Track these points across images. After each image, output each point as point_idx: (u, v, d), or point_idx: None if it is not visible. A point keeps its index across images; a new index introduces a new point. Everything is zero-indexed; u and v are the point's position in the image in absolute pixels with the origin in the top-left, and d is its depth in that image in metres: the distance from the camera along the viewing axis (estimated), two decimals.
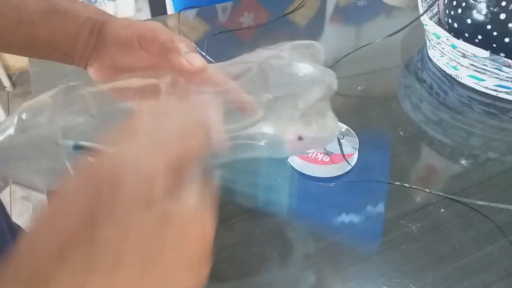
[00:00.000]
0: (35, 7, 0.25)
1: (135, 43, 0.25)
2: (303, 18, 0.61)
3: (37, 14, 0.25)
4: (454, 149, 0.41)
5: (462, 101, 0.46)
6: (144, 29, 0.25)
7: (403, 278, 0.29)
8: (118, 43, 0.25)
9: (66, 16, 0.25)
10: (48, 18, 0.25)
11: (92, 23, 0.26)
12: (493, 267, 0.30)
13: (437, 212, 0.34)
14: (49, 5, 0.25)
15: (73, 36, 0.26)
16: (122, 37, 0.25)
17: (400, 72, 0.51)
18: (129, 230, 0.13)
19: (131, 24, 0.25)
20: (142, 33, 0.25)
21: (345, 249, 0.31)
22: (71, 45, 0.26)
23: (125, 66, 0.26)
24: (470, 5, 0.45)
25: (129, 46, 0.25)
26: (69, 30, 0.25)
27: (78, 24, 0.26)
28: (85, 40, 0.26)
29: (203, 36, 0.56)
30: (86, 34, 0.26)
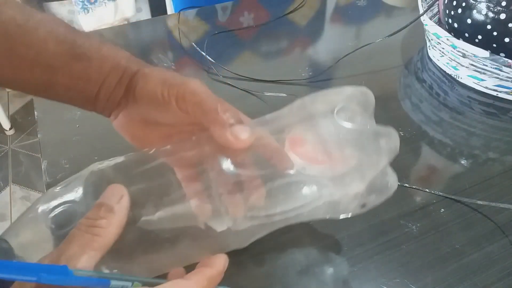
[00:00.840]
0: (56, 50, 0.22)
1: (172, 103, 0.22)
2: (303, 18, 0.61)
3: (57, 57, 0.22)
4: (454, 149, 0.41)
5: (462, 101, 0.46)
6: (185, 90, 0.22)
7: (403, 278, 0.29)
8: (151, 100, 0.23)
9: (89, 62, 0.23)
10: (69, 62, 0.23)
11: (121, 73, 0.24)
12: (493, 267, 0.30)
13: (437, 212, 0.34)
14: (72, 48, 0.23)
15: (96, 85, 0.24)
16: (158, 95, 0.22)
17: (400, 72, 0.51)
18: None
19: (167, 79, 0.23)
20: (182, 94, 0.22)
21: (345, 249, 0.31)
22: (94, 94, 0.24)
23: (156, 121, 0.24)
24: (470, 5, 0.45)
25: (164, 105, 0.23)
26: (92, 78, 0.23)
27: (103, 72, 0.23)
28: (111, 91, 0.24)
29: (203, 36, 0.56)
30: (113, 84, 0.24)
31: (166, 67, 0.50)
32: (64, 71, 0.23)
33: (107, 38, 0.57)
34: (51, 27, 0.23)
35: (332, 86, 0.48)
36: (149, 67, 0.25)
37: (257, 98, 0.45)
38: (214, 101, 0.22)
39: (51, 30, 0.23)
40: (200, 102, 0.22)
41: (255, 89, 0.46)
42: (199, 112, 0.22)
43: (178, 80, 0.23)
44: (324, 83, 0.48)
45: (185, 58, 0.52)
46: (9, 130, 1.32)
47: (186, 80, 0.23)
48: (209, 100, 0.22)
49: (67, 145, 0.38)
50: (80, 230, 0.18)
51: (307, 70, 0.50)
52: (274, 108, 0.27)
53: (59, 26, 0.23)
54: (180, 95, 0.22)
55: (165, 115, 0.23)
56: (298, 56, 0.54)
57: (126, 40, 0.57)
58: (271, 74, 0.48)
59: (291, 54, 0.55)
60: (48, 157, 0.38)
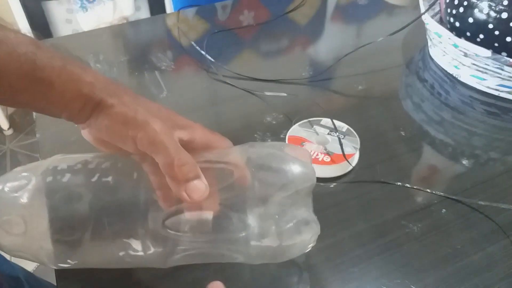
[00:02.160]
0: (16, 71, 0.22)
1: (130, 143, 0.23)
2: (304, 17, 0.61)
3: (18, 79, 0.22)
4: (455, 149, 0.40)
5: (464, 100, 0.46)
6: (143, 137, 0.22)
7: (404, 278, 0.29)
8: (111, 136, 0.23)
9: (51, 87, 0.23)
10: (30, 85, 0.22)
11: (83, 101, 0.23)
12: (494, 267, 0.30)
13: (438, 212, 0.34)
14: (33, 72, 0.22)
15: (58, 108, 0.24)
16: (116, 133, 0.23)
17: (401, 71, 0.51)
18: None
19: (128, 121, 0.23)
20: (140, 140, 0.22)
21: (346, 249, 0.31)
22: (57, 114, 0.24)
23: (118, 148, 0.24)
24: (472, 4, 0.45)
25: (123, 142, 0.23)
26: (54, 102, 0.23)
27: (65, 98, 0.23)
28: (75, 115, 0.24)
29: (203, 35, 0.55)
30: (75, 110, 0.24)
31: (166, 66, 0.50)
32: (26, 93, 0.23)
33: (106, 37, 0.56)
34: (12, 48, 0.22)
35: (333, 86, 0.48)
36: (114, 95, 0.24)
37: (257, 97, 0.45)
38: (172, 152, 0.22)
39: (12, 51, 0.22)
40: (157, 152, 0.22)
41: (255, 88, 0.46)
42: (157, 161, 0.22)
43: (139, 121, 0.23)
44: (324, 82, 0.48)
45: (185, 57, 0.52)
46: (8, 130, 1.32)
47: (146, 123, 0.23)
48: (166, 151, 0.22)
49: (65, 145, 0.38)
50: None
51: (308, 69, 0.50)
52: (274, 108, 0.27)
53: (20, 45, 0.22)
54: (138, 139, 0.23)
55: (124, 146, 0.24)
56: (299, 55, 0.54)
57: (125, 39, 0.57)
58: (271, 73, 0.48)
59: (291, 53, 0.54)
60: (46, 157, 0.37)
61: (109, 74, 0.49)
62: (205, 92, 0.47)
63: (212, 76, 0.48)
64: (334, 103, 0.46)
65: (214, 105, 0.46)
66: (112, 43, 0.55)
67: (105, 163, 0.25)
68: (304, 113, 0.42)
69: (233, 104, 0.45)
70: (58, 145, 0.38)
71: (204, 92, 0.46)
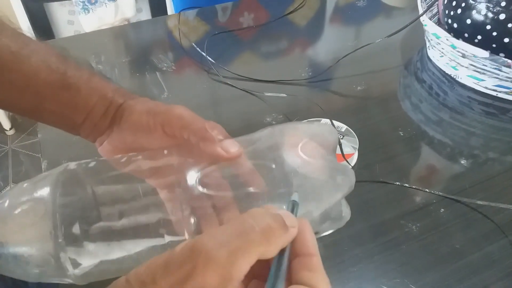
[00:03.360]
0: (46, 78, 0.24)
1: (158, 129, 0.23)
2: (303, 18, 0.61)
3: (47, 86, 0.24)
4: (454, 149, 0.41)
5: (462, 101, 0.46)
6: (171, 116, 0.23)
7: (403, 278, 0.29)
8: (137, 129, 0.24)
9: (78, 92, 0.24)
10: (57, 91, 0.24)
11: (107, 104, 0.25)
12: (493, 267, 0.30)
13: (437, 212, 0.34)
14: (63, 78, 0.24)
15: (82, 114, 0.25)
16: (144, 124, 0.24)
17: (400, 72, 0.51)
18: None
19: (153, 109, 0.24)
20: (168, 120, 0.23)
21: (345, 249, 0.31)
22: (80, 122, 0.25)
23: (142, 147, 0.24)
24: (470, 5, 0.45)
25: (150, 132, 0.24)
26: (79, 107, 0.24)
27: (90, 103, 0.24)
28: (97, 120, 0.25)
29: (203, 36, 0.56)
30: (99, 115, 0.25)
31: (167, 67, 0.50)
32: (52, 99, 0.24)
33: (108, 39, 0.57)
34: (44, 57, 0.24)
35: (332, 87, 0.49)
36: (134, 98, 0.26)
37: (257, 98, 0.45)
38: (201, 121, 0.24)
39: (44, 60, 0.24)
40: (187, 124, 0.23)
41: (255, 89, 0.46)
42: (187, 133, 0.23)
43: (162, 108, 0.24)
44: (324, 83, 0.48)
45: (185, 58, 0.52)
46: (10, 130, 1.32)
47: (170, 107, 0.24)
48: (196, 120, 0.23)
49: (67, 145, 0.38)
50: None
51: (307, 70, 0.50)
52: (274, 108, 0.27)
53: (52, 56, 0.24)
54: (166, 121, 0.23)
55: (150, 141, 0.24)
56: (298, 56, 0.54)
57: (126, 41, 0.57)
58: (271, 74, 0.48)
59: (291, 54, 0.55)
60: (48, 157, 0.38)
61: (110, 75, 0.49)
62: (206, 92, 0.47)
63: (213, 77, 0.48)
64: (333, 103, 0.46)
65: (215, 105, 0.46)
66: (113, 45, 0.56)
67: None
68: (304, 114, 0.42)
69: (233, 105, 0.45)
70: (59, 146, 0.39)
71: (204, 92, 0.47)
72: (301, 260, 0.17)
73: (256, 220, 0.16)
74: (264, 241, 0.16)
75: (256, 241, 0.15)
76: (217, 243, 0.15)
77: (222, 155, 0.22)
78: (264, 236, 0.16)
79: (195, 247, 0.15)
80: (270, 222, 0.16)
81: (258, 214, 0.16)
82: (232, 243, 0.15)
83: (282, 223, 0.17)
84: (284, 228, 0.17)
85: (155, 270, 0.15)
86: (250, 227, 0.16)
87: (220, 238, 0.15)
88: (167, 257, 0.15)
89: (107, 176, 0.24)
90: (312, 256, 0.17)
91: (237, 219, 0.16)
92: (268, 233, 0.16)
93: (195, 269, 0.14)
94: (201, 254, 0.14)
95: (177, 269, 0.14)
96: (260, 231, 0.16)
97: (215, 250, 0.15)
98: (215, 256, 0.14)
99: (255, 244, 0.15)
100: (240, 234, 0.15)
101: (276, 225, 0.16)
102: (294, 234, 0.17)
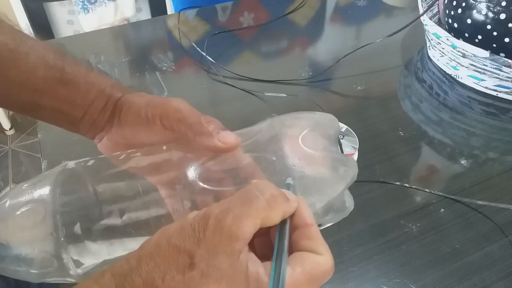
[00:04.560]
0: (45, 74, 0.23)
1: (157, 122, 0.23)
2: (303, 18, 0.61)
3: (45, 82, 0.23)
4: (454, 149, 0.41)
5: (462, 101, 0.46)
6: (168, 108, 0.23)
7: (403, 278, 0.29)
8: (136, 122, 0.24)
9: (76, 88, 0.24)
10: (56, 87, 0.24)
11: (105, 99, 0.24)
12: (493, 267, 0.30)
13: (437, 212, 0.34)
14: (61, 74, 0.24)
15: (81, 110, 0.24)
16: (142, 116, 0.24)
17: (400, 72, 0.51)
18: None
19: (151, 101, 0.24)
20: (166, 112, 0.23)
21: (345, 249, 0.31)
22: (79, 118, 0.25)
23: (141, 142, 0.24)
24: (470, 5, 0.45)
25: (149, 125, 0.24)
26: (77, 103, 0.24)
27: (88, 98, 0.24)
28: (96, 116, 0.25)
29: (203, 36, 0.56)
30: (98, 110, 0.25)
31: (166, 67, 0.50)
32: (51, 95, 0.24)
33: (107, 39, 0.57)
34: (42, 53, 0.24)
35: (332, 86, 0.49)
36: (132, 93, 0.26)
37: (257, 98, 0.45)
38: (197, 115, 0.23)
39: (42, 56, 0.24)
40: (183, 117, 0.23)
41: (255, 89, 0.46)
42: (183, 127, 0.23)
43: (160, 100, 0.24)
44: (324, 83, 0.48)
45: (185, 58, 0.52)
46: (9, 130, 1.32)
47: (168, 100, 0.24)
48: (192, 114, 0.23)
49: (67, 145, 0.38)
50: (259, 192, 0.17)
51: (307, 70, 0.50)
52: (274, 108, 0.27)
53: (49, 52, 0.24)
54: (164, 113, 0.23)
55: (149, 135, 0.24)
56: (298, 56, 0.54)
57: (126, 40, 0.57)
58: (271, 74, 0.48)
59: (291, 54, 0.55)
60: (48, 157, 0.38)
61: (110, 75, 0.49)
62: (206, 92, 0.47)
63: (213, 77, 0.48)
64: (333, 103, 0.46)
65: (215, 105, 0.46)
66: (113, 44, 0.56)
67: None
68: None
69: (233, 105, 0.45)
70: (59, 145, 0.39)
71: (204, 92, 0.47)
72: (300, 231, 0.18)
73: (260, 190, 0.17)
74: (267, 207, 0.17)
75: (259, 206, 0.17)
76: (224, 209, 0.16)
77: (219, 147, 0.22)
78: (267, 202, 0.17)
79: (205, 213, 0.17)
80: (273, 191, 0.18)
81: (261, 184, 0.18)
82: (237, 209, 0.16)
83: (283, 193, 0.18)
84: (285, 197, 0.18)
85: (172, 234, 0.16)
86: (255, 196, 0.17)
87: (227, 205, 0.17)
88: (181, 223, 0.17)
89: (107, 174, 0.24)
90: (310, 226, 0.18)
91: (243, 190, 0.18)
92: (271, 200, 0.17)
93: (205, 232, 0.16)
94: (210, 219, 0.16)
95: (191, 232, 0.16)
96: (263, 198, 0.17)
97: (222, 215, 0.16)
98: (222, 220, 0.16)
99: (259, 209, 0.17)
100: (245, 201, 0.17)
101: (278, 193, 0.18)
102: (294, 206, 0.18)
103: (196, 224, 0.16)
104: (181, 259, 0.15)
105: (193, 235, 0.16)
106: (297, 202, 0.19)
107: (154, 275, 0.15)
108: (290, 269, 0.16)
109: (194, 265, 0.15)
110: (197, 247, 0.15)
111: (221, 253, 0.15)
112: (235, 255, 0.16)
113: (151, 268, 0.15)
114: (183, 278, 0.15)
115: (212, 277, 0.15)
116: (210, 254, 0.15)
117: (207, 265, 0.15)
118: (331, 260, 0.17)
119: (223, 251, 0.15)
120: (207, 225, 0.16)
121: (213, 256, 0.15)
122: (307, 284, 0.16)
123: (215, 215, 0.16)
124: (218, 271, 0.15)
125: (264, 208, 0.17)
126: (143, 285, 0.15)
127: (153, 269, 0.15)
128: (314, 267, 0.17)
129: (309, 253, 0.17)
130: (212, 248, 0.15)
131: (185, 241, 0.16)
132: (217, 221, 0.16)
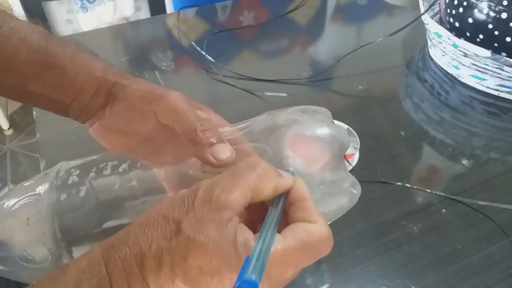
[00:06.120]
0: (28, 58, 0.22)
1: (152, 117, 0.22)
2: (304, 17, 0.61)
3: (28, 66, 0.22)
4: (455, 149, 0.40)
5: (464, 100, 0.46)
6: (163, 106, 0.22)
7: (404, 279, 0.29)
8: (130, 114, 0.23)
9: (62, 72, 0.23)
10: (41, 72, 0.22)
11: (96, 85, 0.23)
12: (495, 267, 0.30)
13: (438, 212, 0.34)
14: (44, 57, 0.22)
15: (70, 96, 0.23)
16: (137, 110, 0.23)
17: (401, 71, 0.51)
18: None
19: (146, 94, 0.23)
20: (161, 111, 0.22)
21: (346, 250, 0.31)
22: (67, 103, 0.24)
23: (135, 132, 0.24)
24: (472, 4, 0.45)
25: (144, 118, 0.23)
26: (65, 89, 0.23)
27: (77, 83, 0.23)
28: (86, 102, 0.24)
29: (203, 35, 0.55)
30: (87, 96, 0.23)
31: (166, 67, 0.50)
32: (36, 80, 0.23)
33: (106, 38, 0.56)
34: (25, 35, 0.23)
35: (333, 86, 0.48)
36: (128, 78, 0.24)
37: (257, 97, 0.45)
38: (194, 119, 0.22)
39: (24, 38, 0.22)
40: (179, 120, 0.22)
41: (256, 88, 0.46)
42: (178, 129, 0.22)
43: (158, 93, 0.23)
44: (324, 83, 0.48)
45: (185, 57, 0.52)
46: (8, 130, 1.32)
47: (166, 94, 0.23)
48: (188, 118, 0.22)
49: (66, 145, 0.38)
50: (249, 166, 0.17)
51: (308, 69, 0.50)
52: (274, 108, 0.27)
53: (33, 34, 0.23)
54: (159, 111, 0.22)
55: (144, 127, 0.23)
56: (299, 55, 0.54)
57: (125, 39, 0.57)
58: (271, 73, 0.48)
59: (291, 53, 0.54)
60: (46, 157, 0.37)
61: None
62: (205, 92, 0.47)
63: (212, 76, 0.48)
64: (334, 103, 0.46)
65: (214, 105, 0.46)
66: (112, 43, 0.55)
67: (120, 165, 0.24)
68: None
69: (233, 104, 0.45)
70: (58, 145, 0.38)
71: (204, 92, 0.47)
72: (295, 205, 0.18)
73: (251, 165, 0.18)
74: (257, 178, 0.17)
75: (248, 178, 0.17)
76: (213, 182, 0.17)
77: (212, 162, 0.21)
78: (257, 175, 0.17)
79: (195, 187, 0.17)
80: (264, 166, 0.18)
81: (253, 160, 0.18)
82: (226, 181, 0.17)
83: (276, 169, 0.18)
84: (278, 172, 0.18)
85: (161, 206, 0.16)
86: (245, 169, 0.17)
87: (217, 179, 0.17)
88: (172, 196, 0.17)
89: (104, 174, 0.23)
90: (306, 200, 0.18)
91: (234, 165, 0.18)
92: (261, 173, 0.17)
93: (194, 202, 0.16)
94: (199, 190, 0.16)
95: (180, 203, 0.16)
96: (253, 172, 0.17)
97: (211, 187, 0.17)
98: (211, 191, 0.16)
99: (247, 180, 0.17)
100: (235, 174, 0.17)
101: (270, 168, 0.18)
102: (289, 182, 0.18)
103: (185, 196, 0.16)
104: (168, 227, 0.15)
105: (182, 205, 0.16)
106: (292, 180, 0.18)
107: (141, 243, 0.15)
108: (280, 237, 0.16)
109: (181, 231, 0.15)
110: (185, 216, 0.16)
111: (208, 221, 0.15)
112: (223, 223, 0.16)
113: (138, 237, 0.15)
114: (169, 244, 0.15)
115: (198, 241, 0.15)
116: (197, 221, 0.15)
117: (193, 231, 0.15)
118: (326, 229, 0.17)
119: (211, 219, 0.15)
120: (196, 196, 0.16)
121: (201, 223, 0.15)
122: (300, 251, 0.16)
123: (205, 187, 0.17)
124: (205, 237, 0.15)
125: (254, 180, 0.17)
126: (129, 254, 0.15)
127: (140, 238, 0.15)
128: (306, 235, 0.16)
129: (302, 222, 0.17)
130: (200, 216, 0.15)
131: (174, 211, 0.16)
132: (206, 192, 0.16)
